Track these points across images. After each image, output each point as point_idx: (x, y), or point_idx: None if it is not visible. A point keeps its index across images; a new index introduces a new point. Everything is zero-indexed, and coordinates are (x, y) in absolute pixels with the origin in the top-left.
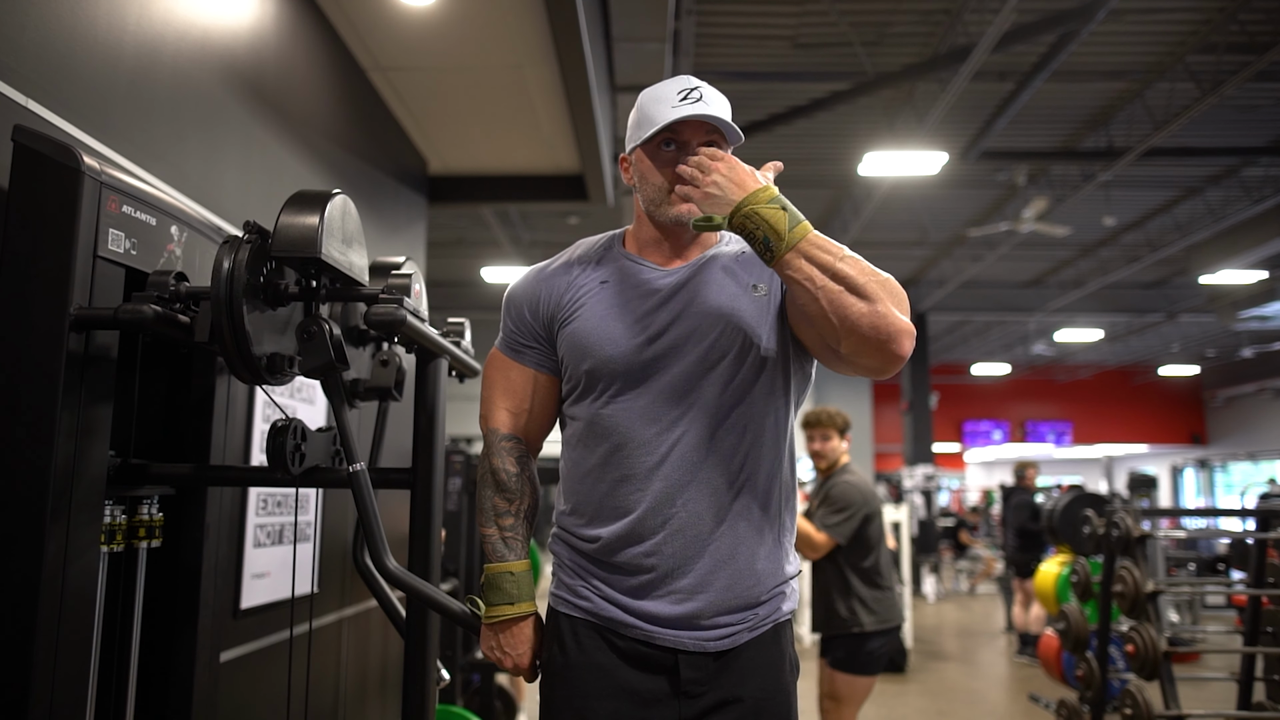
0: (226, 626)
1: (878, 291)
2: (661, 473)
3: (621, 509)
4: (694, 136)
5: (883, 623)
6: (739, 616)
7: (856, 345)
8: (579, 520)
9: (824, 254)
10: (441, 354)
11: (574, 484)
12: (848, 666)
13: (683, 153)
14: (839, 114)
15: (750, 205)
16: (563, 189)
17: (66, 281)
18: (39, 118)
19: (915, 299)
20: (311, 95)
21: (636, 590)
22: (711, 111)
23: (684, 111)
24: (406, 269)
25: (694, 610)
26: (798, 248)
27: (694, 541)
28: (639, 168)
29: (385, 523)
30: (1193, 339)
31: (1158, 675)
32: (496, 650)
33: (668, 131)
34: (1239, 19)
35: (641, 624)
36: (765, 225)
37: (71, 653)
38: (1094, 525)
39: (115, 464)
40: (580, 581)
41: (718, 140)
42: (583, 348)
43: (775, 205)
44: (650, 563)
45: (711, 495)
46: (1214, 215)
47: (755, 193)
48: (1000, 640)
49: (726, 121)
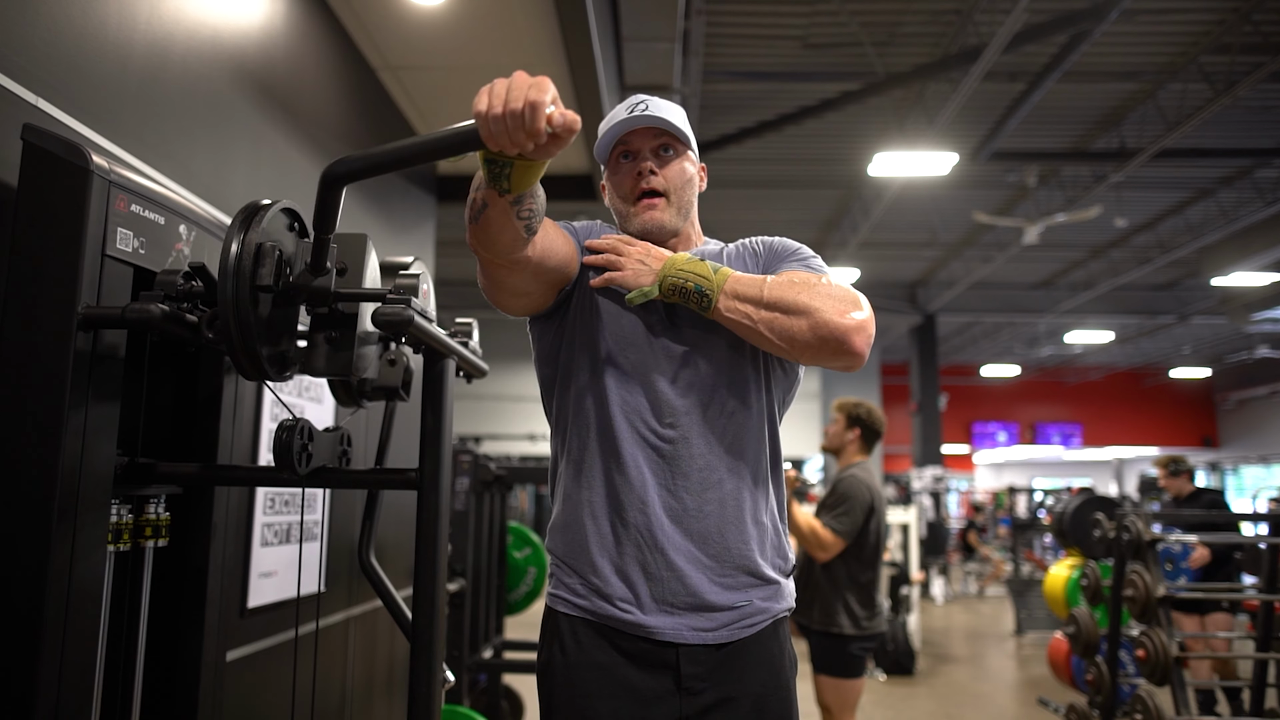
0: (233, 625)
1: (812, 303)
2: (656, 464)
3: (615, 501)
4: (645, 143)
5: (862, 630)
6: (737, 610)
7: (812, 357)
8: (573, 516)
9: (749, 287)
10: (449, 354)
11: (567, 480)
12: (828, 669)
13: (637, 160)
14: (849, 114)
15: (674, 266)
16: (571, 189)
17: (74, 280)
18: (49, 116)
19: (925, 300)
20: (321, 94)
21: (633, 585)
22: (653, 113)
23: (631, 121)
24: (415, 269)
25: (692, 603)
26: (724, 289)
27: (689, 533)
28: (608, 186)
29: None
30: (1204, 341)
31: (1168, 680)
32: (498, 87)
33: (621, 144)
34: (1253, 19)
35: (641, 619)
36: (693, 276)
37: (78, 651)
38: (1104, 529)
39: (122, 463)
40: (577, 579)
41: (669, 143)
42: (582, 335)
43: (693, 259)
44: (646, 556)
45: (705, 487)
46: (1226, 217)
47: (673, 257)
48: (1009, 643)
49: (670, 121)
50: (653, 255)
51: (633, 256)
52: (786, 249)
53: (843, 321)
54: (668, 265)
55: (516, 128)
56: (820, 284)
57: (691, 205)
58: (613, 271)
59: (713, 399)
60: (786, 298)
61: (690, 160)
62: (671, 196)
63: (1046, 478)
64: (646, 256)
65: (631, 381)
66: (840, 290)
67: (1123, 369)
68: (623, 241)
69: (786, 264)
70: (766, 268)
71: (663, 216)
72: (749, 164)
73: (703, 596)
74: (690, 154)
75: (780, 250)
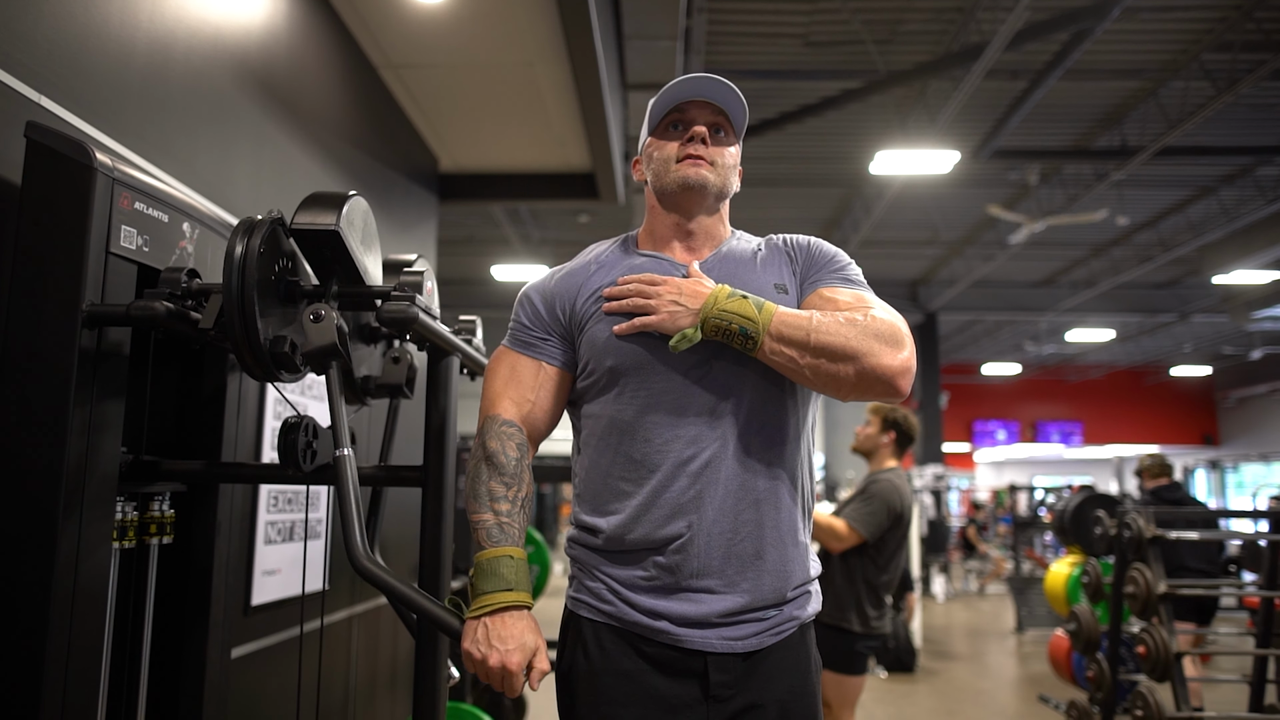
0: (237, 623)
1: (859, 346)
2: (685, 471)
3: (646, 508)
4: (700, 115)
5: (869, 630)
6: (767, 615)
7: (857, 396)
8: (599, 521)
9: (796, 330)
10: (453, 352)
11: (594, 485)
12: (831, 664)
13: (690, 130)
14: (850, 112)
15: (717, 306)
16: (574, 187)
17: (79, 278)
18: (52, 114)
19: (926, 299)
20: (323, 92)
21: (662, 591)
22: (714, 81)
23: (697, 84)
24: (418, 266)
25: (722, 610)
26: (769, 331)
27: (720, 539)
28: (648, 152)
29: (407, 521)
30: (1205, 339)
31: (1169, 677)
32: (482, 645)
33: (676, 112)
34: (1255, 17)
35: (670, 628)
36: (737, 317)
37: (84, 648)
38: (1106, 526)
39: (127, 461)
40: (602, 585)
41: (724, 125)
42: (608, 342)
43: (736, 297)
44: (675, 561)
45: (738, 493)
46: (1228, 215)
47: (714, 293)
48: (1010, 640)
49: (735, 99)
50: (686, 293)
51: (664, 297)
52: (824, 256)
53: (890, 365)
54: (709, 305)
55: (494, 681)
56: (868, 321)
57: (730, 191)
58: (644, 316)
59: (746, 414)
60: (834, 344)
61: (737, 149)
62: (717, 168)
63: (1047, 476)
64: (680, 296)
65: (662, 399)
66: (887, 327)
67: (1123, 367)
68: (646, 282)
69: (826, 276)
70: (804, 275)
71: (707, 174)
72: (751, 162)
73: (734, 612)
74: (738, 145)
75: (819, 258)
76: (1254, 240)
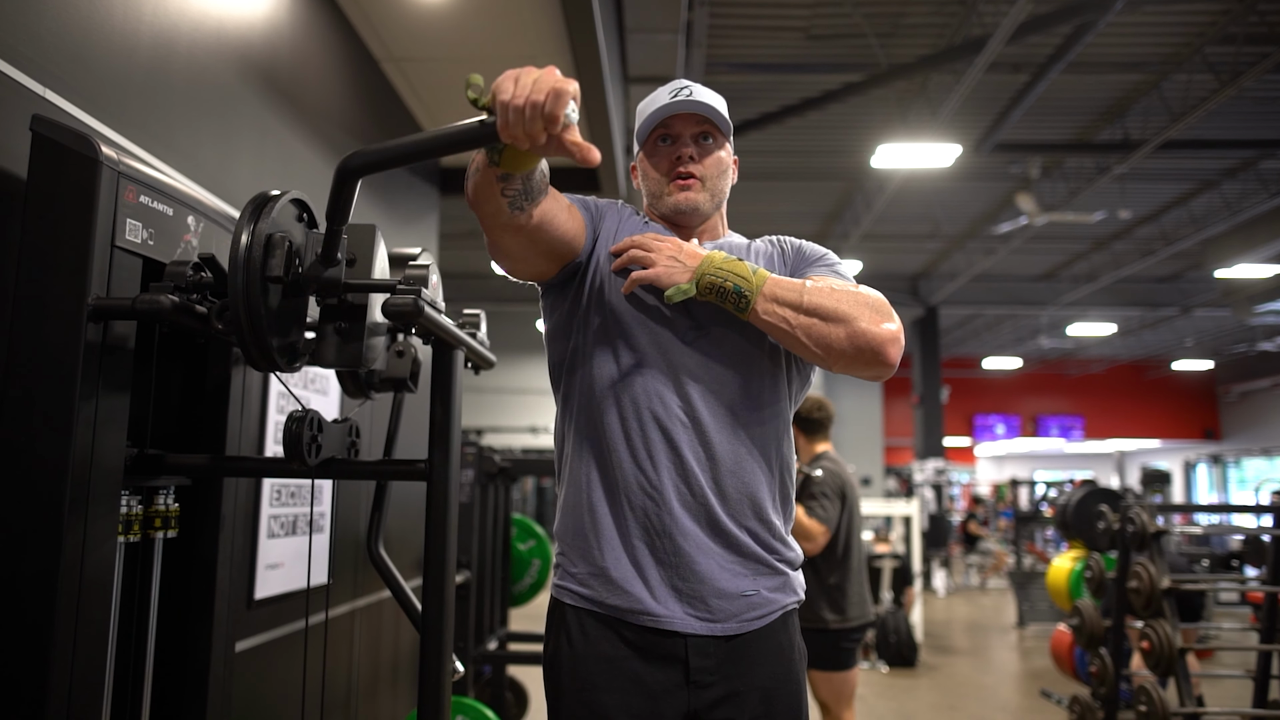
0: (241, 616)
1: (851, 310)
2: (671, 451)
3: (625, 485)
4: (686, 128)
5: (848, 622)
6: (746, 599)
7: (845, 365)
8: (583, 500)
9: (789, 291)
10: (458, 345)
11: (574, 462)
12: (817, 663)
13: (677, 145)
14: (852, 106)
15: (712, 265)
16: (575, 181)
17: (84, 271)
18: (56, 108)
19: (927, 293)
20: (325, 86)
21: (641, 569)
22: (698, 98)
23: (675, 106)
24: (423, 260)
25: (700, 590)
26: (763, 292)
27: (699, 520)
28: (641, 167)
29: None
30: (1207, 333)
31: (1172, 672)
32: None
33: (661, 127)
34: (1258, 10)
35: (648, 607)
36: (732, 276)
37: (89, 642)
38: (1109, 521)
39: (132, 455)
40: (583, 568)
41: (710, 131)
42: (596, 317)
43: (731, 258)
44: (654, 542)
45: (722, 475)
46: (1230, 209)
47: (710, 255)
48: (1011, 635)
49: (714, 109)
50: (685, 252)
51: (663, 253)
52: (814, 254)
53: (879, 332)
54: (705, 263)
55: (534, 118)
56: (858, 292)
57: (724, 196)
58: (643, 270)
59: (729, 388)
60: (826, 305)
61: (727, 150)
62: (707, 183)
63: (1048, 470)
64: (679, 253)
65: (647, 367)
66: (876, 300)
67: (1125, 361)
68: (651, 238)
69: (815, 269)
70: (794, 271)
71: (697, 198)
72: (751, 156)
73: (711, 583)
74: (728, 144)
75: (808, 255)
76: (1257, 234)
